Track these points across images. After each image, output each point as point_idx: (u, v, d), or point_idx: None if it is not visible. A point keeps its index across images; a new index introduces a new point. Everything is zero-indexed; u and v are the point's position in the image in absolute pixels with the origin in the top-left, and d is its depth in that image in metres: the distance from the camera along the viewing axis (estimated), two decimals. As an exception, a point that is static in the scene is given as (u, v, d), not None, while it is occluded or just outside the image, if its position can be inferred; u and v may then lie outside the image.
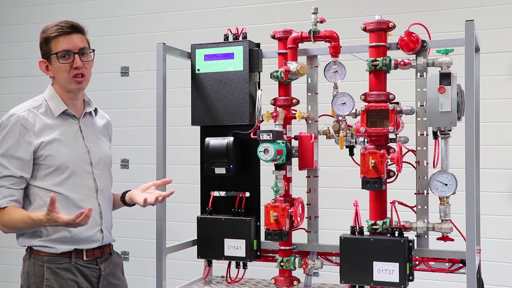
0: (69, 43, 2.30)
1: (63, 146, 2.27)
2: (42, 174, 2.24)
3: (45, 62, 2.35)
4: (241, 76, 2.70)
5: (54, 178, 2.25)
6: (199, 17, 5.07)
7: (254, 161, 2.72)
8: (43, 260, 2.23)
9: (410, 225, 2.49)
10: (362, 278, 2.42)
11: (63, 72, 2.31)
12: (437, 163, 2.46)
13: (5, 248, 5.41)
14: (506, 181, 4.19)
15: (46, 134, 2.25)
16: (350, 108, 2.51)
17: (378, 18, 2.49)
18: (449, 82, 2.37)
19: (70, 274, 2.25)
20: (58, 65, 2.31)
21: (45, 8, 5.65)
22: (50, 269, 2.22)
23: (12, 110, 2.29)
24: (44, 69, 2.36)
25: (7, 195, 2.19)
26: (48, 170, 2.24)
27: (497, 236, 4.17)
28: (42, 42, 2.35)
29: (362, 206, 2.51)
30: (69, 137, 2.31)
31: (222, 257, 2.71)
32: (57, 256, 2.24)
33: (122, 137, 5.27)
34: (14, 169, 2.19)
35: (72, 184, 2.28)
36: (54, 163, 2.24)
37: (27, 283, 2.23)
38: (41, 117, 2.27)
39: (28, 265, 2.24)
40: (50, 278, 2.21)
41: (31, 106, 2.29)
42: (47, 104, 2.32)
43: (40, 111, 2.29)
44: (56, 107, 2.32)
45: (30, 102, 2.33)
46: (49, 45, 2.32)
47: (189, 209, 3.57)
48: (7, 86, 5.77)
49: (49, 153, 2.23)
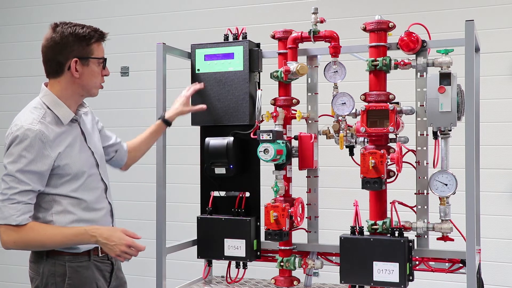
0: (103, 51, 2.31)
1: (75, 153, 2.25)
2: (58, 182, 2.21)
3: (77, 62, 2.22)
4: (241, 76, 2.70)
5: (72, 185, 2.23)
6: (199, 17, 5.07)
7: (254, 161, 2.72)
8: (64, 260, 2.23)
9: (410, 225, 2.49)
10: (362, 278, 2.42)
11: (96, 77, 2.27)
12: (437, 163, 2.46)
13: (5, 248, 5.41)
14: (506, 181, 4.19)
15: (60, 144, 2.20)
16: (350, 108, 2.51)
17: (378, 18, 2.49)
18: (449, 82, 2.37)
19: (90, 272, 2.27)
20: (95, 70, 2.26)
21: (45, 8, 5.65)
22: (72, 267, 2.23)
23: (20, 122, 2.17)
24: (74, 68, 2.22)
25: (26, 211, 2.14)
26: (66, 178, 2.21)
27: (497, 236, 4.17)
28: (76, 41, 2.21)
29: (362, 206, 2.51)
30: (76, 142, 2.28)
31: (222, 257, 2.71)
32: (78, 255, 2.25)
33: (122, 137, 5.24)
34: (33, 184, 2.14)
35: (87, 188, 2.28)
36: (70, 171, 2.22)
37: (44, 283, 2.22)
38: (51, 128, 2.19)
39: (45, 266, 2.23)
40: (72, 277, 2.22)
41: (39, 117, 2.19)
42: (52, 112, 2.23)
43: (48, 120, 2.20)
44: (64, 115, 2.24)
45: (34, 113, 2.20)
46: (90, 47, 2.24)
47: (189, 209, 3.57)
48: (7, 86, 5.77)
49: (66, 162, 2.20)
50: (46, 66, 2.27)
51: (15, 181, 2.11)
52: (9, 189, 2.12)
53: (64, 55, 2.21)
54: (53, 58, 2.23)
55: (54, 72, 2.25)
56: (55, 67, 2.23)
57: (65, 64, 2.22)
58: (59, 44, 2.20)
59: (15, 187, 2.11)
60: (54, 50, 2.22)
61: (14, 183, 2.11)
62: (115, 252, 2.17)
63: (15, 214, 2.11)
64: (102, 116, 2.72)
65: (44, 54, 2.26)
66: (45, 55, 2.25)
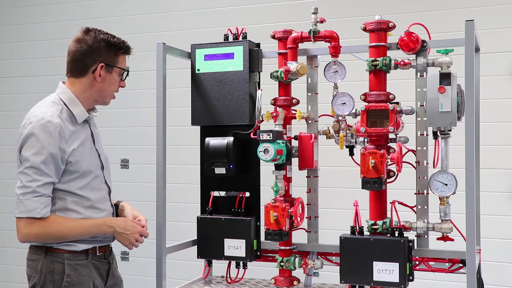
0: (126, 63, 2.40)
1: (86, 152, 2.30)
2: (67, 179, 2.25)
3: (102, 67, 2.29)
4: (241, 76, 2.70)
5: (79, 183, 2.27)
6: (199, 17, 5.07)
7: (254, 161, 2.72)
8: (63, 258, 2.25)
9: (410, 225, 2.49)
10: (362, 278, 2.42)
11: (114, 86, 2.38)
12: (437, 163, 2.46)
13: (5, 248, 5.41)
14: (506, 181, 4.19)
15: (74, 141, 2.25)
16: (350, 108, 2.51)
17: (378, 18, 2.49)
18: (449, 82, 2.37)
19: (88, 270, 2.30)
20: (116, 79, 2.36)
21: (45, 8, 5.65)
22: (71, 265, 2.25)
23: (41, 114, 2.20)
24: (98, 72, 2.29)
25: (48, 204, 2.18)
26: (74, 175, 2.25)
27: (497, 236, 4.17)
28: (107, 48, 2.30)
29: (362, 206, 2.51)
30: (87, 142, 2.33)
31: (222, 257, 2.71)
32: (76, 253, 2.27)
33: (122, 137, 5.28)
34: (54, 176, 2.18)
35: (92, 188, 2.32)
36: (80, 168, 2.26)
37: (42, 281, 2.25)
38: (66, 124, 2.24)
39: (43, 263, 2.25)
40: (70, 274, 2.24)
41: (57, 112, 2.23)
42: (68, 109, 2.28)
43: (64, 116, 2.25)
44: (79, 114, 2.30)
45: (53, 107, 2.25)
46: (117, 57, 2.34)
47: (189, 209, 3.57)
48: (7, 86, 5.77)
49: (77, 159, 2.25)
50: (71, 65, 2.33)
51: (39, 173, 2.15)
52: (33, 182, 2.14)
53: (92, 58, 2.29)
54: (80, 59, 2.30)
55: (78, 72, 2.31)
56: (81, 67, 2.31)
57: (91, 67, 2.30)
58: (91, 46, 2.29)
59: (38, 179, 2.15)
60: (84, 51, 2.29)
61: (37, 175, 2.15)
62: (129, 241, 2.33)
63: (39, 207, 2.15)
64: (102, 116, 2.72)
65: (72, 54, 2.32)
66: (73, 54, 2.31)
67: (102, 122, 2.56)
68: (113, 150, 5.07)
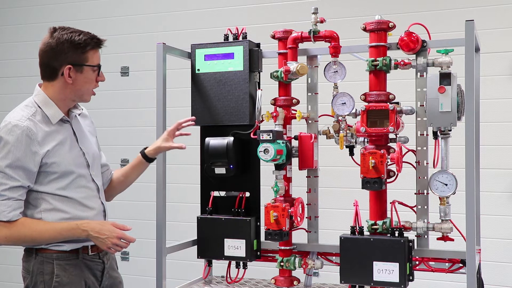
0: (99, 58, 2.32)
1: (64, 152, 2.27)
2: (46, 180, 2.23)
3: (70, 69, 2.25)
4: (241, 76, 2.70)
5: (59, 183, 2.25)
6: (199, 17, 5.07)
7: (254, 161, 2.72)
8: (52, 258, 2.24)
9: (410, 225, 2.49)
10: (362, 278, 2.42)
11: (89, 84, 2.30)
12: (437, 163, 2.47)
13: (5, 248, 5.41)
14: (506, 181, 4.19)
15: (48, 142, 2.23)
16: (350, 108, 2.51)
17: (378, 18, 2.49)
18: (449, 82, 2.37)
19: (79, 270, 2.28)
20: (90, 77, 2.29)
21: (45, 8, 5.65)
22: (60, 265, 2.24)
23: (9, 118, 2.21)
24: (67, 74, 2.24)
25: (16, 207, 2.17)
26: (53, 176, 2.24)
27: (497, 236, 4.17)
28: (71, 48, 2.23)
29: (362, 206, 2.51)
30: (67, 142, 2.30)
31: (222, 257, 2.71)
32: (66, 253, 2.26)
33: (122, 137, 5.27)
34: (22, 180, 2.17)
35: (76, 187, 2.30)
36: (58, 169, 2.24)
37: (33, 282, 2.24)
38: (39, 126, 2.22)
39: (34, 264, 2.24)
40: (60, 275, 2.23)
41: (29, 115, 2.22)
42: (42, 111, 2.26)
43: (37, 118, 2.23)
44: (53, 114, 2.27)
45: (24, 110, 2.25)
46: (84, 55, 2.26)
47: (189, 209, 3.57)
48: (7, 86, 5.77)
49: (54, 160, 2.23)
50: (41, 69, 2.30)
51: (5, 177, 2.15)
52: None
53: (58, 61, 2.24)
54: (47, 63, 2.26)
55: (48, 76, 2.29)
56: (49, 71, 2.27)
57: (59, 70, 2.25)
58: (54, 49, 2.24)
59: (5, 183, 2.15)
60: (49, 55, 2.25)
61: (4, 179, 2.15)
62: (106, 245, 2.21)
63: (6, 210, 2.14)
64: (102, 116, 2.73)
65: (40, 58, 2.29)
66: (41, 59, 2.29)
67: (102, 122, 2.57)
68: (113, 150, 5.06)
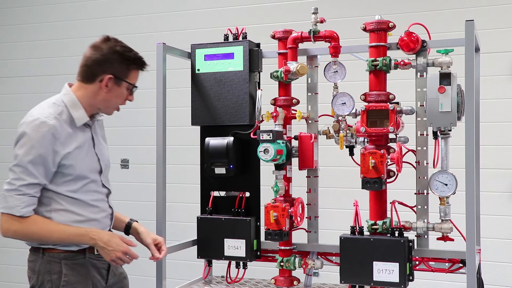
0: (137, 79, 2.35)
1: (82, 156, 2.28)
2: (60, 181, 2.24)
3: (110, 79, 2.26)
4: (241, 76, 2.70)
5: (71, 186, 2.26)
6: (199, 17, 5.07)
7: (254, 161, 2.72)
8: (59, 257, 2.25)
9: (410, 225, 2.49)
10: (362, 278, 2.42)
11: (119, 99, 2.33)
12: (437, 163, 2.47)
13: (5, 248, 5.41)
14: (506, 181, 4.19)
15: (70, 144, 2.23)
16: (350, 108, 2.51)
17: (378, 18, 2.49)
18: (449, 82, 2.37)
19: (85, 270, 2.29)
20: (123, 92, 2.32)
21: (45, 8, 5.65)
22: (68, 265, 2.25)
23: (37, 114, 2.19)
24: (105, 83, 2.25)
25: (30, 203, 2.17)
26: (67, 178, 2.24)
27: (497, 236, 4.17)
28: (119, 60, 2.26)
29: (362, 206, 2.51)
30: (85, 146, 2.31)
31: (222, 257, 2.71)
32: (73, 253, 2.27)
33: (122, 137, 5.27)
34: (41, 177, 2.18)
35: (87, 191, 2.30)
36: (73, 172, 2.24)
37: (40, 281, 2.24)
38: (64, 126, 2.23)
39: (41, 264, 2.25)
40: (68, 274, 2.24)
41: (56, 113, 2.22)
42: (68, 112, 2.26)
43: (63, 118, 2.24)
44: (79, 117, 2.28)
45: (52, 108, 2.24)
46: (129, 71, 2.29)
47: (189, 209, 3.57)
48: (7, 86, 5.77)
49: (71, 162, 2.23)
50: (81, 69, 2.30)
51: (25, 172, 2.15)
52: (18, 180, 2.15)
53: (102, 68, 2.26)
54: (91, 66, 2.27)
55: (86, 78, 2.29)
56: (90, 74, 2.28)
57: (99, 76, 2.26)
58: (104, 56, 2.26)
59: (23, 178, 2.15)
60: (97, 59, 2.26)
61: (23, 175, 2.15)
62: (110, 257, 2.22)
63: (20, 206, 2.15)
64: (102, 116, 2.72)
65: (85, 59, 2.29)
66: (85, 60, 2.29)
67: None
68: (113, 150, 5.02)
